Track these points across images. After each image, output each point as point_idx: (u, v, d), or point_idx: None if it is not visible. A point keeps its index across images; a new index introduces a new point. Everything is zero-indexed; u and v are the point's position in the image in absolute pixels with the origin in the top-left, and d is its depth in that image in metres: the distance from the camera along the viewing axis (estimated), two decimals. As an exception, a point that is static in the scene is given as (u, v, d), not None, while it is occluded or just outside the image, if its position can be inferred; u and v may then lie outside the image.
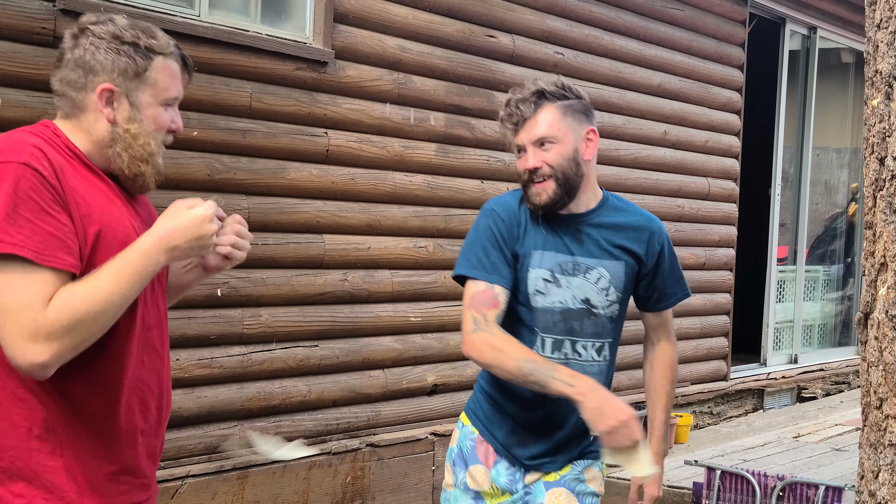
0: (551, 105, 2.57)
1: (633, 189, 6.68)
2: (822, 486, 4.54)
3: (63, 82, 2.00)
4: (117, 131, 1.99)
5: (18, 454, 1.89)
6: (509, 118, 2.60)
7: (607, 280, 2.65)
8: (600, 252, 2.65)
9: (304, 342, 4.69)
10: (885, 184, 2.40)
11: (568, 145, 2.57)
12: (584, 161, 2.60)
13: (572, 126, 2.59)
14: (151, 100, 2.02)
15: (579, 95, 2.65)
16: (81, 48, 1.99)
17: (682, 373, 7.17)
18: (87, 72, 1.98)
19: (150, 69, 2.01)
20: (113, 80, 1.99)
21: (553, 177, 2.56)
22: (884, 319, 2.40)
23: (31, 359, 1.80)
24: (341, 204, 4.84)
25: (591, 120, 2.65)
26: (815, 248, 9.45)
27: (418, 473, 5.17)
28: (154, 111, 2.03)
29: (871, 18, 2.51)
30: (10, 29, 3.66)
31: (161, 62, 2.03)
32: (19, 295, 1.79)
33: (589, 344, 2.70)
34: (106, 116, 1.99)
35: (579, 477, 2.74)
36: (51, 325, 1.79)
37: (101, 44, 1.99)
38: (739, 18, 7.56)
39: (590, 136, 2.62)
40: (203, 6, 4.31)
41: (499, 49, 5.61)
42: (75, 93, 1.99)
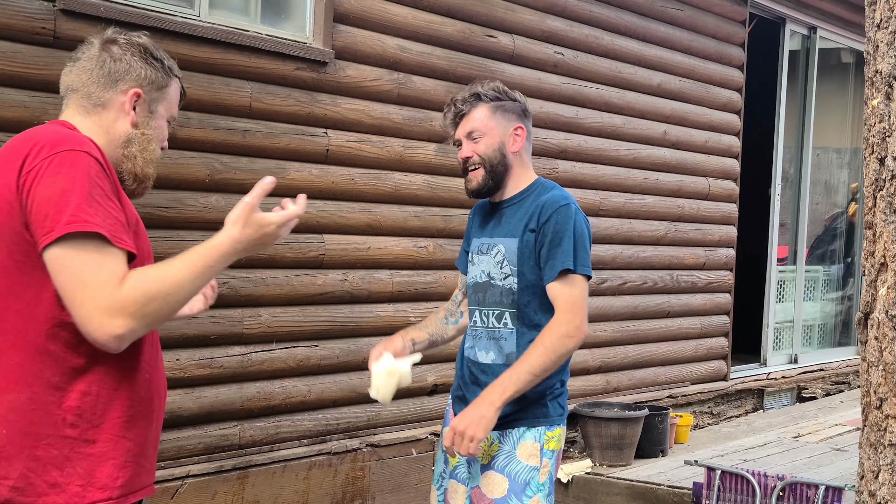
0: (484, 105, 2.97)
1: (633, 189, 6.68)
2: (822, 486, 4.54)
3: (91, 79, 2.13)
4: (136, 133, 2.15)
5: (52, 442, 1.95)
6: (450, 115, 3.01)
7: (502, 255, 2.93)
8: (507, 231, 2.95)
9: (304, 342, 4.69)
10: (885, 184, 2.40)
11: (495, 139, 2.96)
12: (510, 153, 2.98)
13: (500, 123, 2.97)
14: (164, 112, 2.22)
15: (514, 99, 3.03)
16: (117, 51, 2.15)
17: (682, 373, 7.18)
18: (121, 73, 2.14)
19: (169, 86, 2.22)
20: (142, 86, 2.16)
21: (482, 165, 2.95)
22: (884, 319, 2.40)
23: (109, 331, 1.89)
24: (341, 204, 4.84)
25: (523, 120, 3.02)
26: (815, 248, 9.45)
27: (418, 473, 5.17)
28: (162, 123, 2.22)
29: (871, 18, 2.51)
30: (9, 29, 3.66)
31: (175, 83, 2.24)
32: (97, 272, 1.89)
33: (490, 312, 2.95)
34: (130, 118, 2.14)
35: (510, 453, 2.88)
36: (126, 301, 1.89)
37: (135, 51, 2.16)
38: (739, 18, 7.56)
39: (517, 132, 2.99)
40: (203, 6, 4.31)
41: (499, 49, 5.61)
42: (102, 91, 2.13)
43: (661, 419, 6.09)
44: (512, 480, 2.82)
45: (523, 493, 2.82)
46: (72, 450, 1.96)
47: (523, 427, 2.85)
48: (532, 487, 2.82)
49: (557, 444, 2.90)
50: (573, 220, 2.85)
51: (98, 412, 1.99)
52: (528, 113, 3.06)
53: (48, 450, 1.95)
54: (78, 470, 1.96)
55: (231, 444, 4.41)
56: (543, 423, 2.86)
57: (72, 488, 1.95)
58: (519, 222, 2.91)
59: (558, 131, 6.07)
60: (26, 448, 1.94)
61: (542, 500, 2.83)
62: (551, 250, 2.83)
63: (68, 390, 1.96)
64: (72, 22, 3.81)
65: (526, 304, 2.88)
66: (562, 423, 2.92)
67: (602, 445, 5.80)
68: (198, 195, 4.22)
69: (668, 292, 7.03)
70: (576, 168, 6.20)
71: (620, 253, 6.59)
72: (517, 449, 2.85)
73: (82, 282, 1.88)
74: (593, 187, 6.36)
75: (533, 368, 2.77)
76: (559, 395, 2.92)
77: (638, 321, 6.76)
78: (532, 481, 2.83)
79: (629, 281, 6.67)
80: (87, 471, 1.96)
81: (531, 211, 2.90)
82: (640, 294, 6.77)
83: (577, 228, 2.85)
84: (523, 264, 2.88)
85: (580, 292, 2.82)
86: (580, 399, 6.23)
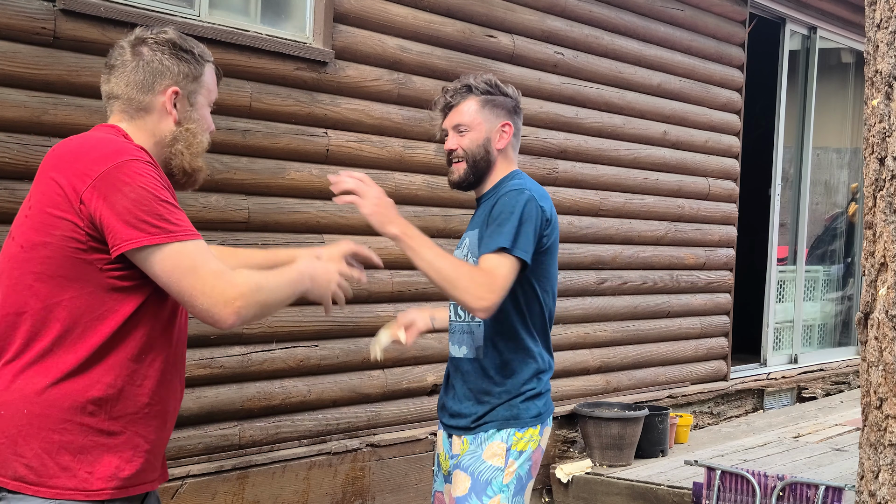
0: (474, 98, 2.93)
1: (633, 189, 6.68)
2: (822, 486, 4.54)
3: (129, 85, 2.19)
4: (181, 130, 2.23)
5: (69, 427, 2.02)
6: (439, 104, 2.99)
7: (468, 246, 2.92)
8: (474, 223, 2.94)
9: (304, 342, 4.69)
10: (885, 184, 2.40)
11: (481, 133, 2.92)
12: (494, 149, 2.94)
13: (488, 118, 2.93)
14: (204, 101, 2.29)
15: (507, 94, 2.98)
16: (148, 54, 2.20)
17: (682, 373, 7.18)
18: (156, 75, 2.20)
19: (203, 73, 2.27)
20: (178, 82, 2.22)
21: (465, 159, 2.93)
22: (884, 319, 2.40)
23: (233, 310, 2.06)
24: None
25: (512, 116, 2.97)
26: (815, 248, 9.45)
27: (418, 473, 5.17)
28: (205, 111, 2.31)
29: (871, 18, 2.51)
30: (10, 29, 3.66)
31: (209, 67, 2.30)
32: (207, 265, 2.06)
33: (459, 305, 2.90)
34: (173, 117, 2.22)
35: (475, 453, 2.85)
36: (241, 286, 2.07)
37: (164, 50, 2.22)
38: (739, 18, 7.56)
39: (504, 129, 2.94)
40: (203, 6, 4.32)
41: (499, 49, 5.61)
42: (142, 95, 2.19)
43: (661, 419, 6.10)
44: (474, 480, 2.80)
45: (483, 493, 2.78)
46: (86, 437, 2.03)
47: (492, 429, 2.83)
48: (493, 487, 2.78)
49: (527, 445, 2.84)
50: (522, 203, 2.78)
51: (118, 405, 2.07)
52: (519, 109, 3.02)
53: (64, 434, 2.02)
54: (89, 457, 2.04)
55: (231, 444, 4.41)
56: (513, 424, 2.82)
57: (81, 474, 2.02)
58: (486, 212, 2.88)
59: (558, 131, 6.07)
60: (44, 430, 2.02)
61: (503, 500, 2.78)
62: (491, 226, 2.78)
63: (92, 379, 2.04)
64: (72, 22, 3.81)
65: None
66: (535, 424, 2.86)
67: (602, 445, 5.80)
68: (198, 195, 4.22)
69: (668, 292, 7.03)
70: (576, 168, 6.20)
71: (620, 253, 6.59)
72: (483, 448, 2.83)
73: (199, 276, 2.04)
74: (593, 187, 6.36)
75: (434, 264, 2.72)
76: (533, 396, 2.87)
77: (638, 321, 6.76)
78: (494, 481, 2.79)
79: (629, 281, 6.67)
80: (97, 459, 2.04)
81: (495, 201, 2.87)
82: (640, 294, 6.77)
83: (524, 212, 2.77)
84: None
85: (506, 270, 2.72)
86: (580, 399, 6.23)
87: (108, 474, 2.05)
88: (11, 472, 2.02)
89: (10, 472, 2.02)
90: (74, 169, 2.04)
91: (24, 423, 2.02)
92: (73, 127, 3.82)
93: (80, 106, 3.84)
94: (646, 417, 5.95)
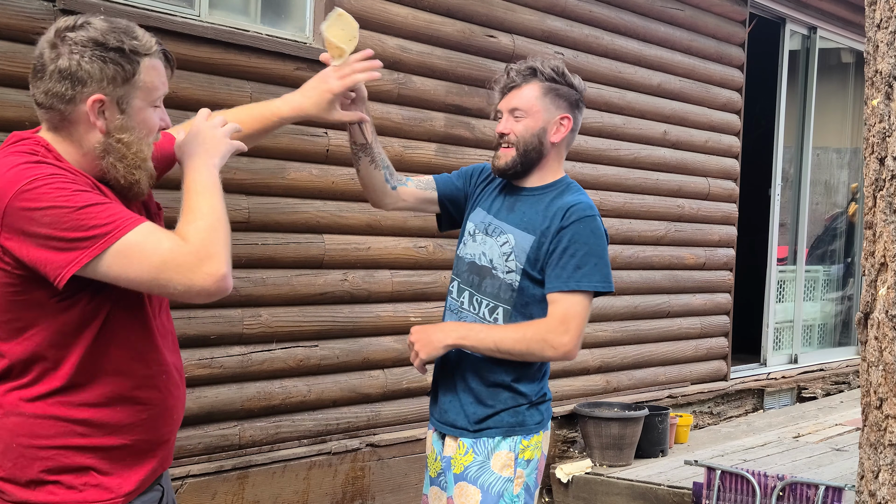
0: (537, 83, 2.76)
1: (633, 189, 6.68)
2: (822, 486, 4.54)
3: (49, 95, 1.95)
4: (110, 142, 1.97)
5: (69, 439, 1.98)
6: (500, 83, 2.82)
7: (510, 247, 2.76)
8: (520, 222, 2.77)
9: (304, 342, 4.69)
10: (885, 184, 2.40)
11: (538, 122, 2.76)
12: (548, 142, 2.78)
13: (547, 107, 2.76)
14: (142, 103, 2.00)
15: (572, 85, 2.80)
16: (65, 58, 1.93)
17: (682, 373, 7.18)
18: (75, 83, 1.93)
19: (137, 73, 1.97)
20: (103, 89, 1.94)
21: (515, 146, 2.76)
22: (884, 319, 2.40)
23: (214, 276, 1.91)
24: (341, 204, 4.84)
25: (574, 110, 2.80)
26: (815, 248, 9.45)
27: (418, 473, 5.17)
28: (144, 114, 2.01)
29: (871, 18, 2.51)
30: (10, 29, 3.66)
31: (147, 63, 2.00)
32: (160, 246, 1.90)
33: (485, 301, 2.79)
34: (99, 128, 1.96)
35: (483, 464, 2.76)
36: (200, 247, 1.91)
37: (84, 52, 1.93)
38: (739, 18, 7.56)
39: (563, 122, 2.78)
40: (203, 6, 4.32)
41: (499, 49, 5.61)
42: (63, 105, 1.94)
43: (661, 419, 6.10)
44: (485, 492, 2.70)
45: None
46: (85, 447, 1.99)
47: (498, 437, 2.73)
48: (506, 499, 2.71)
49: (533, 453, 2.77)
50: (595, 233, 2.70)
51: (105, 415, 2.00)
52: (582, 104, 2.84)
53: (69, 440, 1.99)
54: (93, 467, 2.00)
55: (231, 444, 4.41)
56: (519, 432, 2.74)
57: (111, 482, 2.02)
58: (537, 217, 2.74)
59: (558, 131, 6.07)
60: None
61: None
62: (564, 258, 2.67)
63: (95, 382, 1.98)
64: (72, 22, 3.81)
65: (524, 306, 2.74)
66: (539, 430, 2.78)
67: (602, 445, 5.80)
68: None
69: (668, 292, 7.03)
70: (576, 168, 6.21)
71: (620, 253, 6.59)
72: (491, 459, 2.73)
73: (156, 262, 1.89)
74: (593, 187, 6.36)
75: (501, 344, 2.66)
76: (538, 402, 2.79)
77: (638, 321, 6.76)
78: (506, 493, 2.71)
79: (629, 281, 6.67)
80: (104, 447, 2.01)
81: (553, 211, 2.73)
82: (640, 294, 6.77)
83: (596, 244, 2.69)
84: (533, 266, 2.72)
85: (582, 310, 2.67)
86: (580, 399, 6.23)
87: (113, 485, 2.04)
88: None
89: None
90: None
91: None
92: (73, 127, 3.83)
93: (80, 106, 3.84)
94: (646, 417, 5.95)
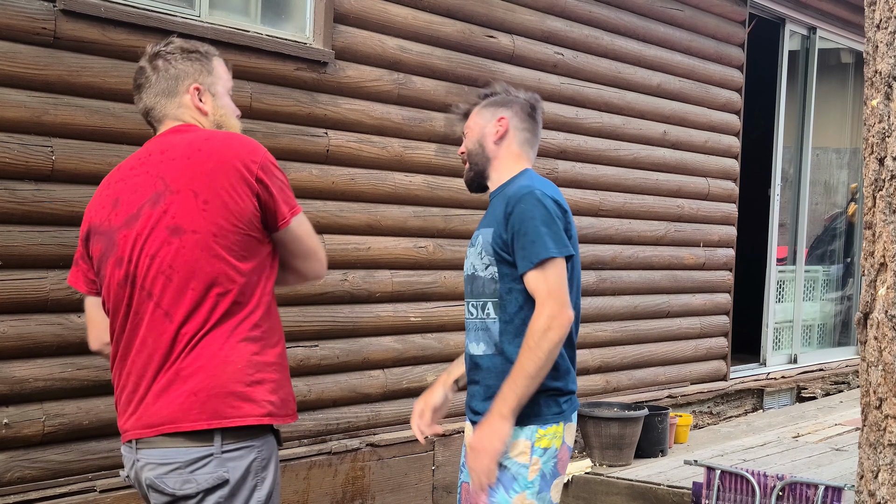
0: (476, 107, 3.07)
1: (633, 189, 6.68)
2: (821, 486, 4.54)
3: (158, 95, 2.53)
4: (214, 119, 2.56)
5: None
6: (457, 115, 3.17)
7: (481, 244, 2.93)
8: (487, 222, 2.94)
9: (304, 342, 4.69)
10: (885, 184, 2.41)
11: (476, 133, 3.02)
12: (490, 143, 3.00)
13: (483, 116, 3.03)
14: (223, 90, 2.61)
15: (497, 93, 3.07)
16: (164, 65, 2.53)
17: (681, 373, 7.18)
18: (177, 79, 2.53)
19: (214, 66, 2.59)
20: (197, 79, 2.54)
21: (467, 160, 3.04)
22: (883, 319, 2.40)
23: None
24: (341, 204, 4.84)
25: (507, 109, 3.02)
26: (814, 248, 9.46)
27: (418, 473, 5.18)
28: (227, 100, 2.62)
29: (871, 18, 2.51)
30: (10, 29, 3.66)
31: (217, 60, 2.61)
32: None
33: (475, 302, 2.96)
34: (200, 110, 2.55)
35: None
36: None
37: (176, 56, 2.54)
38: (739, 19, 7.56)
39: (500, 122, 3.00)
40: (203, 6, 4.32)
41: (499, 49, 5.61)
42: (169, 99, 2.53)
43: (661, 419, 6.10)
44: (501, 473, 2.83)
45: (510, 488, 2.82)
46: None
47: (515, 426, 2.83)
48: (520, 483, 2.82)
49: (551, 442, 2.86)
50: (536, 205, 2.81)
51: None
52: (518, 103, 3.04)
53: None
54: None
55: (231, 444, 4.41)
56: (535, 421, 2.84)
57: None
58: (497, 211, 2.91)
59: (558, 131, 6.07)
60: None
61: (529, 497, 2.82)
62: (520, 240, 2.80)
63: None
64: (72, 22, 3.81)
65: (507, 293, 2.86)
66: (558, 420, 2.88)
67: (602, 445, 5.80)
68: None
69: (667, 292, 7.04)
70: (576, 168, 6.21)
71: (620, 253, 6.59)
72: (509, 446, 2.83)
73: (315, 243, 2.59)
74: (593, 187, 6.36)
75: (526, 372, 2.75)
76: (555, 393, 2.88)
77: (638, 321, 6.76)
78: (520, 477, 2.82)
79: (629, 281, 6.67)
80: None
81: (504, 201, 2.89)
82: (639, 294, 6.77)
83: (541, 213, 2.80)
84: (502, 249, 2.86)
85: (555, 278, 2.77)
86: (580, 399, 6.23)
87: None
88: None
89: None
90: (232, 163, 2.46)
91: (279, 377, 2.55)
92: (73, 127, 3.83)
93: (80, 106, 3.84)
94: (645, 417, 5.95)
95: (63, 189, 3.80)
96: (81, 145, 3.86)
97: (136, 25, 3.98)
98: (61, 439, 3.82)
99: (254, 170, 2.41)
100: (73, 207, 3.80)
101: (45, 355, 3.77)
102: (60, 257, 3.76)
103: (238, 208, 2.40)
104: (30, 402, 3.73)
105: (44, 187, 3.76)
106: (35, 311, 3.75)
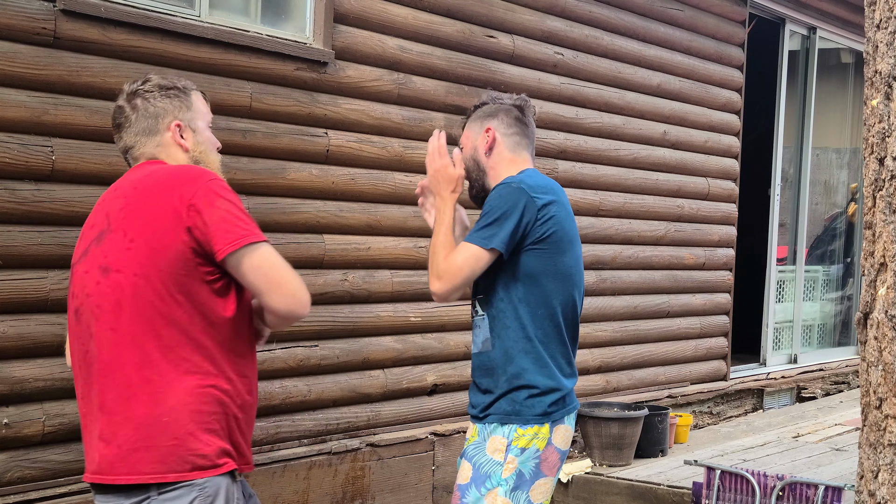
0: (469, 120, 3.10)
1: (633, 189, 6.68)
2: (821, 486, 4.54)
3: (138, 134, 2.52)
4: (193, 156, 2.55)
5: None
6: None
7: None
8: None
9: (304, 342, 4.69)
10: (885, 184, 2.41)
11: (468, 149, 3.07)
12: (482, 156, 3.03)
13: (473, 130, 3.07)
14: (203, 124, 2.61)
15: (495, 100, 3.06)
16: (143, 104, 2.52)
17: (681, 373, 7.18)
18: (157, 118, 2.52)
19: (193, 101, 2.59)
20: (177, 116, 2.54)
21: (467, 177, 3.06)
22: (883, 319, 2.40)
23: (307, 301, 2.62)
24: (341, 204, 4.84)
25: (492, 119, 3.03)
26: (814, 248, 9.46)
27: (418, 473, 5.18)
28: (208, 134, 2.62)
29: (871, 19, 2.51)
30: (10, 29, 3.66)
31: (195, 95, 2.62)
32: (283, 266, 2.47)
33: (473, 301, 3.02)
34: (182, 146, 2.54)
35: (480, 445, 2.93)
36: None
37: (154, 95, 2.54)
38: (739, 19, 7.56)
39: (487, 133, 3.03)
40: (203, 6, 4.32)
41: (499, 49, 5.61)
42: (150, 138, 2.52)
43: (661, 419, 6.10)
44: (475, 470, 2.88)
45: (482, 485, 2.86)
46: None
47: (495, 423, 2.90)
48: (492, 480, 2.85)
49: (530, 442, 2.87)
50: (504, 193, 2.87)
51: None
52: (503, 109, 3.04)
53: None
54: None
55: (231, 444, 4.41)
56: (515, 420, 2.87)
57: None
58: None
59: (558, 131, 6.07)
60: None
61: (501, 494, 2.85)
62: (477, 223, 2.89)
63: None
64: (72, 22, 3.81)
65: (490, 288, 2.91)
66: (542, 422, 2.89)
67: (602, 445, 5.80)
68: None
69: (667, 292, 7.04)
70: (576, 168, 6.21)
71: (620, 253, 6.59)
72: (487, 441, 2.90)
73: (279, 275, 2.42)
74: (593, 187, 6.36)
75: (433, 241, 2.92)
76: (539, 393, 2.89)
77: (638, 321, 6.76)
78: (493, 475, 2.86)
79: (629, 281, 6.67)
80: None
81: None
82: (639, 294, 6.77)
83: (505, 202, 2.84)
84: None
85: (461, 260, 2.84)
86: (580, 399, 6.22)
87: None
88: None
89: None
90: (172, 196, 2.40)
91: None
92: (73, 127, 3.83)
93: (80, 106, 3.84)
94: (645, 417, 5.95)
95: (63, 189, 3.80)
96: (81, 145, 3.86)
97: (136, 25, 3.98)
98: (61, 439, 3.82)
99: (187, 199, 2.33)
100: (73, 207, 3.80)
101: (45, 355, 3.77)
102: (60, 257, 3.76)
103: (161, 245, 2.33)
104: (30, 402, 3.73)
105: (44, 187, 3.76)
106: (35, 311, 3.75)
